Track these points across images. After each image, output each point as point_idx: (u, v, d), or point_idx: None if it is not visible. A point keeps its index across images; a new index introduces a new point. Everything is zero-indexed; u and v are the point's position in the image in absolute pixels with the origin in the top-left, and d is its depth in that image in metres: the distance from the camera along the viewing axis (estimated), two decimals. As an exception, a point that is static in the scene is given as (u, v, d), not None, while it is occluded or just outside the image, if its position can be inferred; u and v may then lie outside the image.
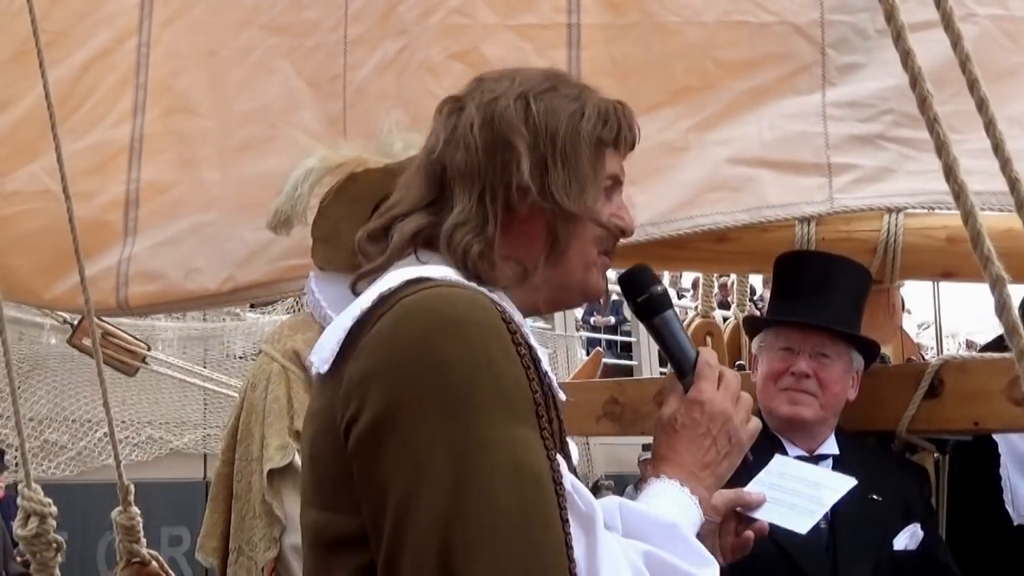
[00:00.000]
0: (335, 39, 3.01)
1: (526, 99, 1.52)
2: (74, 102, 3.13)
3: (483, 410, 1.28)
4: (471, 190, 1.49)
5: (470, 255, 1.45)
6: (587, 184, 1.52)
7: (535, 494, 1.26)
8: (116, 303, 3.15)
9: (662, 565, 1.38)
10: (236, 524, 2.92)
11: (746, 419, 1.59)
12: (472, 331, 1.32)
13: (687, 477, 1.54)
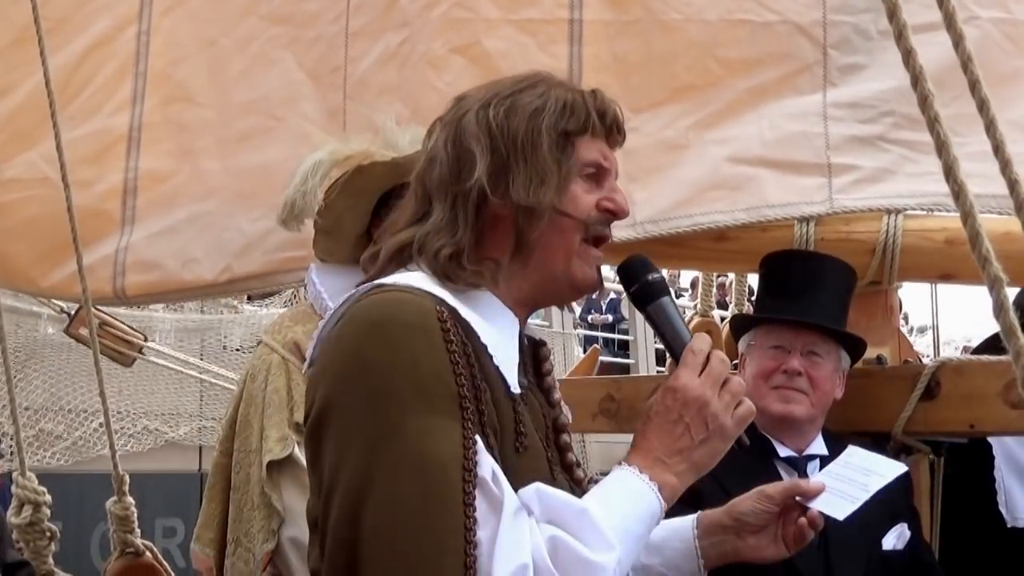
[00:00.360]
0: (336, 30, 3.01)
1: (488, 106, 1.58)
2: (73, 89, 3.13)
3: (399, 404, 1.39)
4: (444, 200, 1.57)
5: (439, 259, 1.53)
6: (548, 178, 1.55)
7: (438, 480, 1.36)
8: (113, 292, 3.15)
9: (565, 548, 1.40)
10: (234, 515, 2.91)
11: (731, 404, 1.56)
12: (397, 332, 1.43)
13: (652, 464, 1.53)
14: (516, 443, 1.49)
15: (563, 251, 1.59)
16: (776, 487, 1.79)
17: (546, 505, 1.44)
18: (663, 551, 1.79)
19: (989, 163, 1.30)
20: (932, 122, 1.30)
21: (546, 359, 1.70)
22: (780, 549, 1.80)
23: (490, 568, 1.35)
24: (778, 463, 2.65)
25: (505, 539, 1.37)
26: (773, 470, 2.63)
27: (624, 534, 1.47)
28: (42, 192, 3.09)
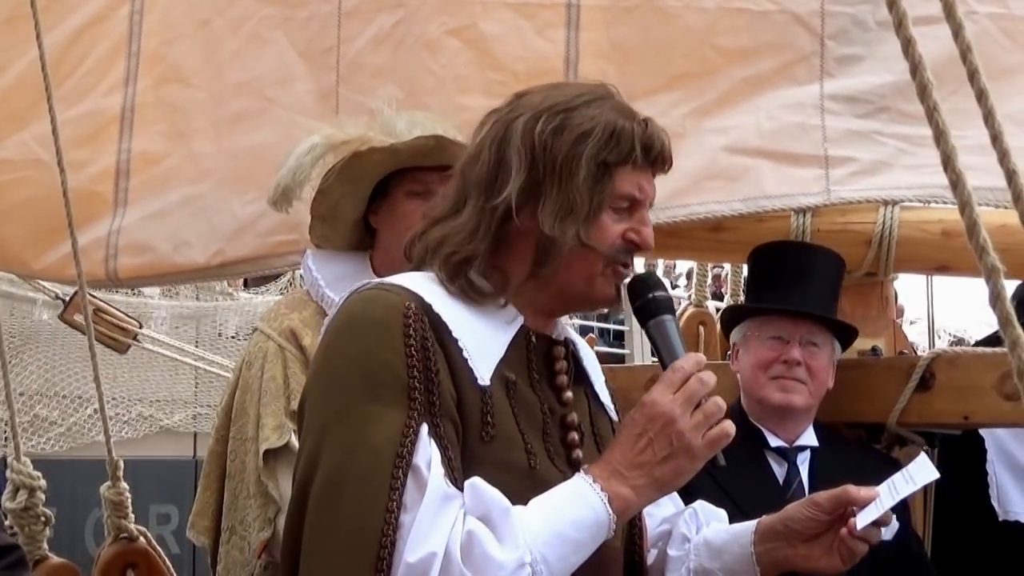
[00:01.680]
0: (329, 10, 2.99)
1: (539, 118, 1.59)
2: (65, 70, 3.11)
3: (348, 392, 1.49)
4: (476, 202, 1.60)
5: (449, 262, 1.59)
6: (578, 209, 1.57)
7: (371, 463, 1.44)
8: (105, 274, 3.14)
9: (477, 542, 1.43)
10: (229, 503, 2.90)
11: (702, 424, 1.54)
12: (360, 327, 1.53)
13: (608, 475, 1.53)
14: (482, 432, 1.53)
15: (584, 275, 1.62)
16: (825, 495, 1.76)
17: (477, 500, 1.46)
18: (723, 556, 1.79)
19: (986, 157, 1.29)
20: (931, 111, 1.29)
21: (559, 359, 1.69)
22: (834, 561, 1.75)
23: (403, 551, 1.41)
24: (768, 454, 2.65)
25: (423, 524, 1.42)
26: (764, 461, 2.64)
27: (554, 537, 1.47)
28: (34, 174, 3.08)
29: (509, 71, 2.88)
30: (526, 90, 1.69)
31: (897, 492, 1.82)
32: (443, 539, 1.42)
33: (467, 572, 1.41)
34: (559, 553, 1.47)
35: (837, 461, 2.67)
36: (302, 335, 2.61)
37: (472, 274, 1.58)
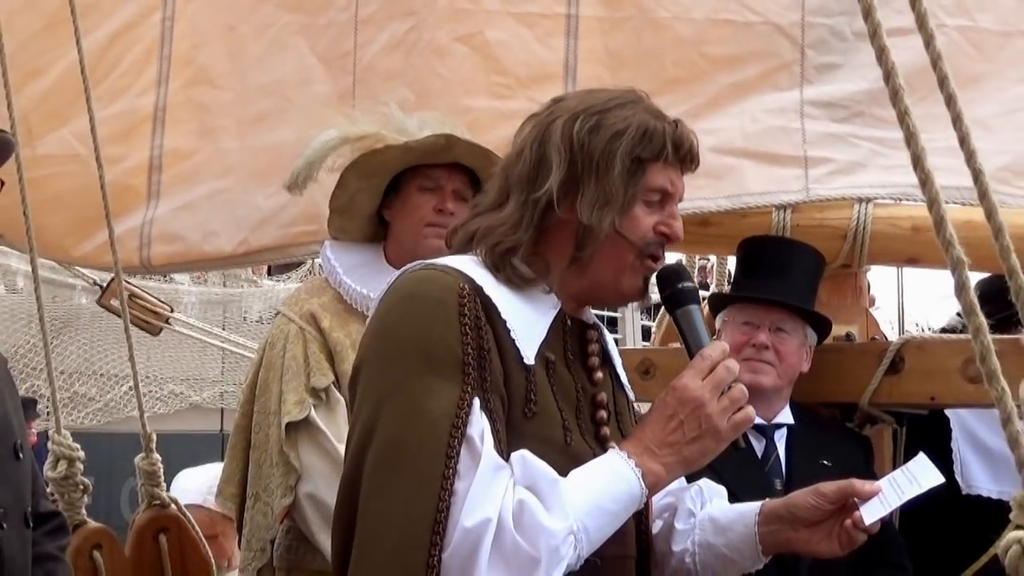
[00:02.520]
0: (346, 18, 2.98)
1: (576, 119, 1.60)
2: (102, 71, 3.10)
3: (406, 366, 1.47)
4: (519, 196, 1.60)
5: (495, 252, 1.58)
6: (613, 200, 1.57)
7: (428, 433, 1.42)
8: (139, 262, 3.14)
9: (528, 511, 1.42)
10: (254, 472, 2.91)
11: (728, 409, 1.55)
12: (417, 304, 1.51)
13: (641, 452, 1.53)
14: (525, 408, 1.52)
15: (615, 266, 1.62)
16: (831, 486, 1.73)
17: (526, 471, 1.46)
18: (727, 533, 1.77)
19: (953, 158, 1.29)
20: (902, 115, 1.29)
21: (592, 341, 1.69)
22: (833, 546, 1.74)
23: (460, 516, 1.39)
24: (748, 431, 2.64)
25: (478, 492, 1.41)
26: (743, 437, 2.63)
27: (595, 508, 1.47)
28: (73, 168, 3.07)
29: (512, 75, 2.88)
30: (563, 95, 1.70)
31: (902, 492, 1.78)
32: (496, 506, 1.41)
33: (519, 538, 1.40)
34: (598, 523, 1.47)
35: (811, 438, 2.68)
36: (321, 318, 2.61)
37: (516, 261, 1.58)
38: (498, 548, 1.39)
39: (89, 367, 10.38)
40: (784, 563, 2.48)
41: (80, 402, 10.27)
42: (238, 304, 11.08)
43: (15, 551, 2.03)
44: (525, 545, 1.40)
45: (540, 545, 1.40)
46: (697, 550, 1.78)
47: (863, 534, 1.72)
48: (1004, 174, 2.81)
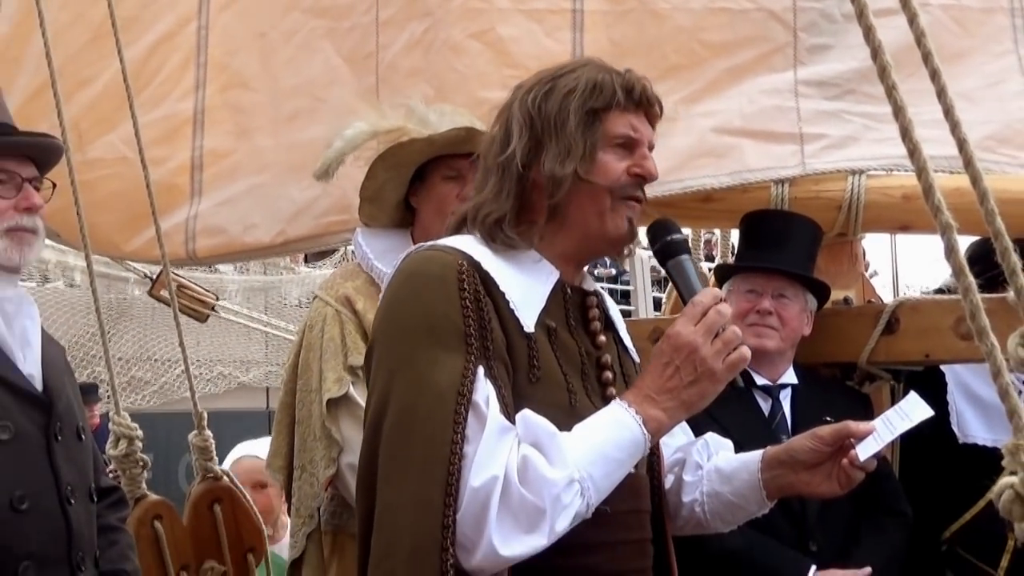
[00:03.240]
0: (368, 21, 2.97)
1: (530, 91, 1.60)
2: (144, 79, 3.11)
3: (412, 340, 1.48)
4: (496, 174, 1.60)
5: (485, 224, 1.58)
6: (574, 151, 1.56)
7: (437, 402, 1.42)
8: (185, 254, 3.15)
9: (531, 465, 1.42)
10: (299, 446, 2.93)
11: (722, 351, 1.51)
12: (420, 282, 1.51)
13: (641, 400, 1.51)
14: (529, 374, 1.52)
15: (595, 211, 1.60)
16: (827, 429, 1.71)
17: (528, 428, 1.45)
18: (732, 481, 1.76)
19: (939, 130, 1.27)
20: (890, 90, 1.27)
21: (592, 307, 1.68)
22: (833, 486, 1.72)
23: (469, 477, 1.40)
24: (755, 391, 2.65)
25: (484, 453, 1.41)
26: (751, 397, 2.64)
27: (599, 457, 1.46)
28: (122, 170, 3.08)
29: (523, 68, 2.84)
30: (523, 82, 1.68)
31: (894, 428, 1.77)
32: (502, 465, 1.41)
33: (524, 491, 1.40)
34: (603, 471, 1.46)
35: (814, 396, 2.67)
36: (355, 301, 2.62)
37: (506, 227, 1.57)
38: (505, 503, 1.39)
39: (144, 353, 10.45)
40: (792, 512, 2.50)
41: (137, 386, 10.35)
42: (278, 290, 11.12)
43: (82, 524, 2.06)
44: (530, 497, 1.40)
45: (544, 496, 1.40)
46: (705, 499, 1.78)
47: (860, 472, 1.71)
48: (988, 142, 2.79)
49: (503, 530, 1.38)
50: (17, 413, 1.98)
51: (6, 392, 1.97)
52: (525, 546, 1.39)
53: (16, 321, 2.05)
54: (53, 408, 2.05)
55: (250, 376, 11.35)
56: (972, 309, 1.19)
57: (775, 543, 2.47)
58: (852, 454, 1.70)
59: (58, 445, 2.03)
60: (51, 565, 1.97)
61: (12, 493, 1.92)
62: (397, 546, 1.39)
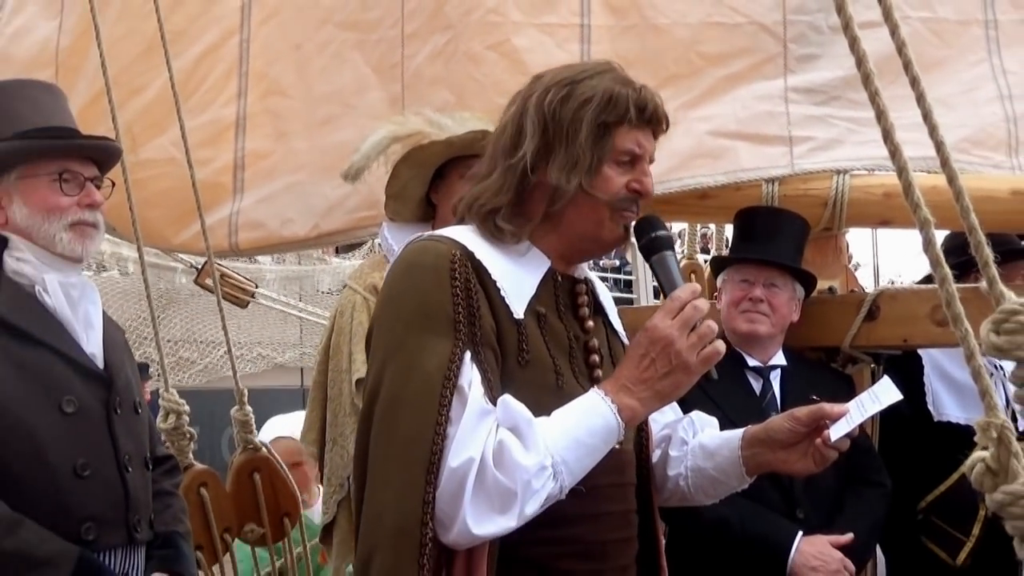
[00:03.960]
0: (394, 34, 2.96)
1: (548, 92, 1.53)
2: (191, 87, 3.10)
3: (405, 326, 1.45)
4: (502, 164, 1.54)
5: (481, 215, 1.54)
6: (581, 163, 1.50)
7: (424, 386, 1.39)
8: (228, 246, 3.15)
9: (506, 449, 1.39)
10: (331, 421, 2.93)
11: (696, 345, 1.45)
12: (415, 272, 1.47)
13: (617, 389, 1.46)
14: (518, 358, 1.48)
15: (593, 220, 1.55)
16: (804, 410, 1.66)
17: (507, 413, 1.42)
18: (715, 457, 1.73)
19: (918, 132, 1.27)
20: (873, 96, 1.26)
21: (581, 294, 1.63)
22: (808, 464, 1.68)
23: (448, 458, 1.37)
24: (747, 372, 2.65)
25: (464, 435, 1.38)
26: (744, 377, 2.64)
27: (572, 442, 1.42)
28: (170, 169, 3.08)
29: (536, 77, 2.86)
30: (543, 72, 1.62)
31: (865, 410, 1.74)
32: (480, 447, 1.38)
33: (498, 474, 1.37)
34: (576, 455, 1.43)
35: (802, 377, 2.67)
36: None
37: (499, 220, 1.52)
38: (480, 484, 1.37)
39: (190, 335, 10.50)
40: (781, 483, 2.49)
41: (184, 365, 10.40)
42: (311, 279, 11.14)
43: (138, 489, 2.08)
44: (504, 480, 1.37)
45: (517, 480, 1.37)
46: (689, 474, 1.75)
47: (833, 451, 1.67)
48: (963, 144, 2.78)
49: (477, 510, 1.36)
50: (81, 389, 1.99)
51: (71, 369, 1.99)
52: (496, 526, 1.37)
53: (80, 305, 2.06)
54: (113, 384, 2.06)
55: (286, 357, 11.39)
56: (948, 298, 1.19)
57: (765, 511, 2.47)
58: (825, 435, 1.66)
59: (117, 418, 2.05)
60: (110, 526, 1.98)
61: (75, 461, 1.94)
62: (381, 521, 1.38)
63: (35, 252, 2.02)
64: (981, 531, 2.86)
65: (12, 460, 1.86)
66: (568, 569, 1.48)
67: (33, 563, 1.81)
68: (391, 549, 1.36)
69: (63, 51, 3.22)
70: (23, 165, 2.03)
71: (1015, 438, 1.12)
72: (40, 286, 2.01)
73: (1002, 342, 1.17)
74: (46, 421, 1.91)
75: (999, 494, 1.10)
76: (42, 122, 2.07)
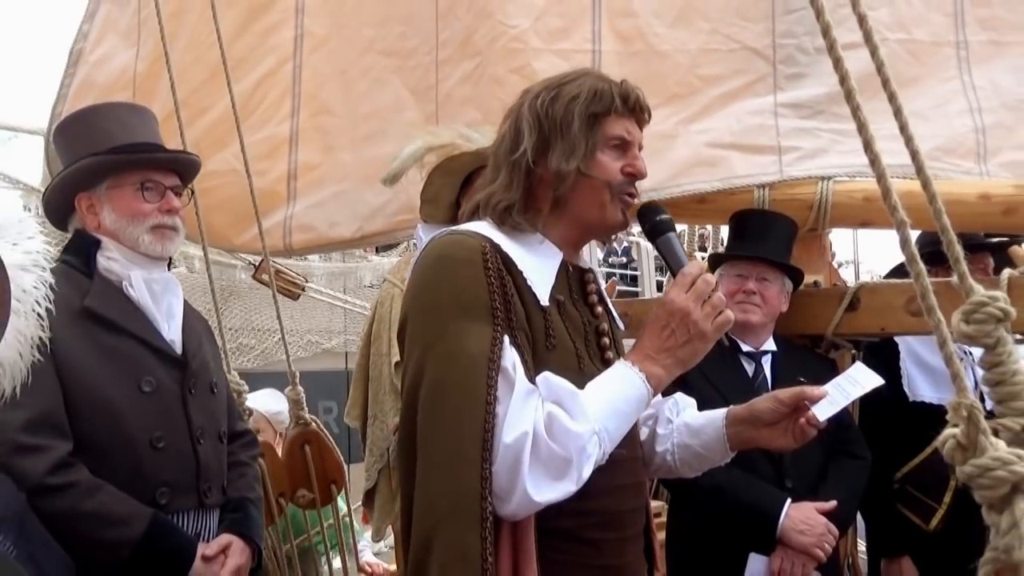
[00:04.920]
0: (429, 60, 2.97)
1: (538, 96, 1.52)
2: (250, 108, 3.12)
3: (445, 315, 1.37)
4: (505, 167, 1.52)
5: (497, 211, 1.50)
6: (577, 150, 1.47)
7: (470, 369, 1.33)
8: (283, 247, 3.18)
9: (556, 421, 1.35)
10: (372, 398, 2.96)
11: (711, 314, 1.43)
12: (448, 263, 1.41)
13: (643, 359, 1.44)
14: (546, 343, 1.44)
15: (595, 203, 1.51)
16: (786, 392, 1.63)
17: (550, 389, 1.38)
18: (700, 435, 1.69)
19: (896, 143, 1.25)
20: (855, 110, 1.25)
21: (590, 282, 1.60)
22: (788, 441, 1.64)
23: (501, 435, 1.32)
24: (741, 356, 2.63)
25: (514, 413, 1.33)
26: (738, 361, 2.62)
27: (612, 411, 1.39)
28: (232, 179, 3.10)
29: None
30: (529, 87, 1.59)
31: (849, 394, 1.70)
32: (531, 422, 1.33)
33: (552, 444, 1.33)
34: (616, 423, 1.40)
35: (790, 361, 2.65)
36: None
37: (514, 214, 1.49)
38: (536, 455, 1.32)
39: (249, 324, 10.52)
40: (771, 456, 2.48)
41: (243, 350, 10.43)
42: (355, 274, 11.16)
43: (210, 460, 2.10)
44: (558, 449, 1.33)
45: (570, 447, 1.33)
46: (676, 450, 1.72)
47: (813, 430, 1.64)
48: (936, 153, 2.75)
49: (535, 479, 1.31)
50: (159, 371, 2.02)
51: (150, 354, 2.02)
52: (556, 492, 1.33)
53: (163, 298, 2.09)
54: (188, 367, 2.09)
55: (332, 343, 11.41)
56: (922, 291, 1.18)
57: (757, 480, 2.46)
58: (810, 415, 1.63)
59: (191, 397, 2.07)
60: (182, 492, 2.01)
61: (152, 434, 1.97)
62: (441, 498, 1.31)
63: (122, 252, 2.06)
64: (952, 499, 2.84)
65: (96, 433, 1.89)
66: (593, 538, 1.45)
67: (109, 522, 1.84)
68: (455, 525, 1.29)
69: (139, 76, 3.26)
70: (111, 176, 2.07)
71: (983, 417, 1.11)
72: (126, 281, 2.04)
73: (971, 330, 1.15)
74: (127, 399, 1.94)
75: (969, 467, 1.09)
76: (128, 139, 2.11)
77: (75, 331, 1.91)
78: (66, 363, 1.87)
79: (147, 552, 1.87)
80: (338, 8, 3.12)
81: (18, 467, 1.76)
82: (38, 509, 1.71)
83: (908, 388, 2.95)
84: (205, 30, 3.03)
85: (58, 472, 1.81)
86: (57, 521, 1.75)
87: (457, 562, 1.27)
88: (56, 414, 1.84)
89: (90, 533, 1.81)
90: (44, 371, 1.81)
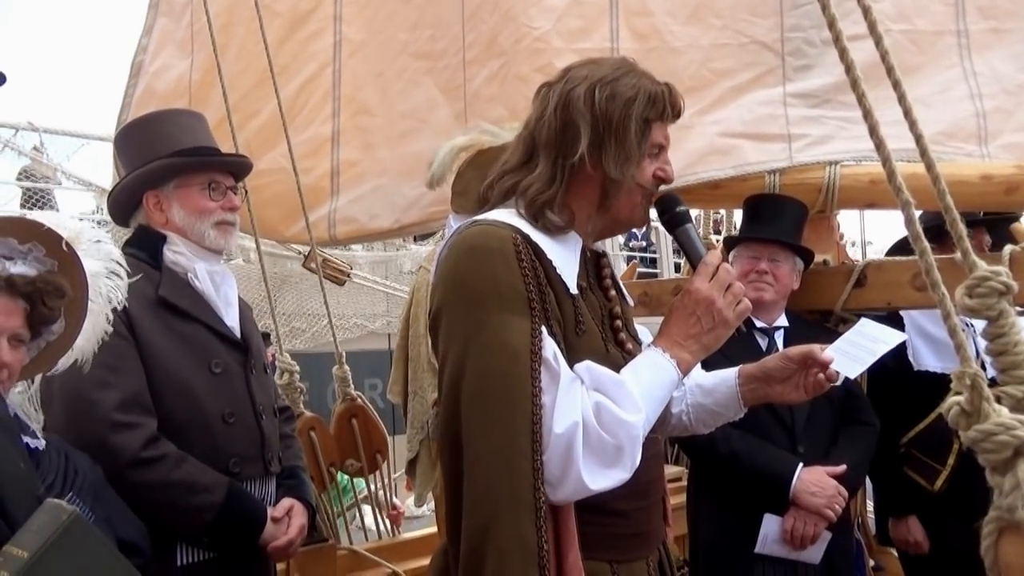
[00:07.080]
0: (457, 61, 2.95)
1: (593, 88, 1.40)
2: (295, 110, 3.14)
3: (484, 307, 1.28)
4: (549, 157, 1.42)
5: (534, 204, 1.40)
6: (632, 156, 1.40)
7: (513, 361, 1.25)
8: (328, 238, 3.20)
9: (606, 411, 1.29)
10: (412, 377, 2.98)
11: (732, 303, 1.40)
12: (483, 254, 1.32)
13: (672, 345, 1.40)
14: (576, 329, 1.38)
15: (630, 206, 1.46)
16: (796, 350, 1.59)
17: (593, 377, 1.32)
18: (714, 394, 1.65)
19: (900, 128, 1.23)
20: (860, 98, 1.23)
21: (605, 267, 1.56)
22: (800, 394, 1.60)
23: (551, 424, 1.25)
24: (755, 332, 2.61)
25: (562, 403, 1.26)
26: (752, 337, 2.60)
27: (649, 397, 1.34)
28: (281, 177, 3.13)
29: (575, 93, 2.83)
30: (570, 65, 1.48)
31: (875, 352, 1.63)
32: (579, 411, 1.26)
33: (603, 433, 1.27)
34: (653, 408, 1.36)
35: (801, 335, 2.61)
36: None
37: (550, 213, 1.40)
38: (587, 444, 1.26)
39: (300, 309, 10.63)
40: (784, 422, 2.47)
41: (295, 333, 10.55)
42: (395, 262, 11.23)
43: (270, 432, 2.14)
44: (608, 438, 1.27)
45: (621, 436, 1.27)
46: (690, 410, 1.68)
47: (828, 384, 1.60)
48: (939, 137, 2.69)
49: (589, 467, 1.25)
50: (225, 354, 2.06)
51: (217, 339, 2.06)
52: (610, 479, 1.28)
53: (222, 288, 2.14)
54: (248, 350, 2.13)
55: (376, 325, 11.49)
56: (927, 267, 1.16)
57: (771, 446, 2.45)
58: (831, 372, 1.58)
59: (252, 377, 2.12)
60: (250, 462, 2.06)
61: (223, 410, 2.01)
62: (495, 489, 1.22)
63: (188, 246, 2.09)
64: (955, 461, 2.81)
65: (175, 411, 1.93)
66: (622, 509, 1.42)
67: (196, 489, 1.89)
68: (512, 515, 1.21)
69: (194, 84, 3.28)
70: (179, 177, 2.11)
71: (986, 385, 1.09)
72: (192, 273, 2.08)
73: (974, 304, 1.14)
74: (200, 379, 1.99)
75: (973, 432, 1.08)
76: (191, 142, 2.14)
77: (153, 319, 1.96)
78: (148, 348, 1.92)
79: (227, 516, 1.92)
80: (373, 15, 3.12)
81: (116, 442, 1.81)
82: (133, 481, 1.78)
83: (913, 358, 2.92)
84: (252, 40, 3.05)
85: (150, 446, 1.85)
86: (150, 491, 1.81)
87: (516, 551, 1.20)
88: (144, 394, 1.89)
89: (178, 500, 1.86)
90: (130, 355, 1.87)
